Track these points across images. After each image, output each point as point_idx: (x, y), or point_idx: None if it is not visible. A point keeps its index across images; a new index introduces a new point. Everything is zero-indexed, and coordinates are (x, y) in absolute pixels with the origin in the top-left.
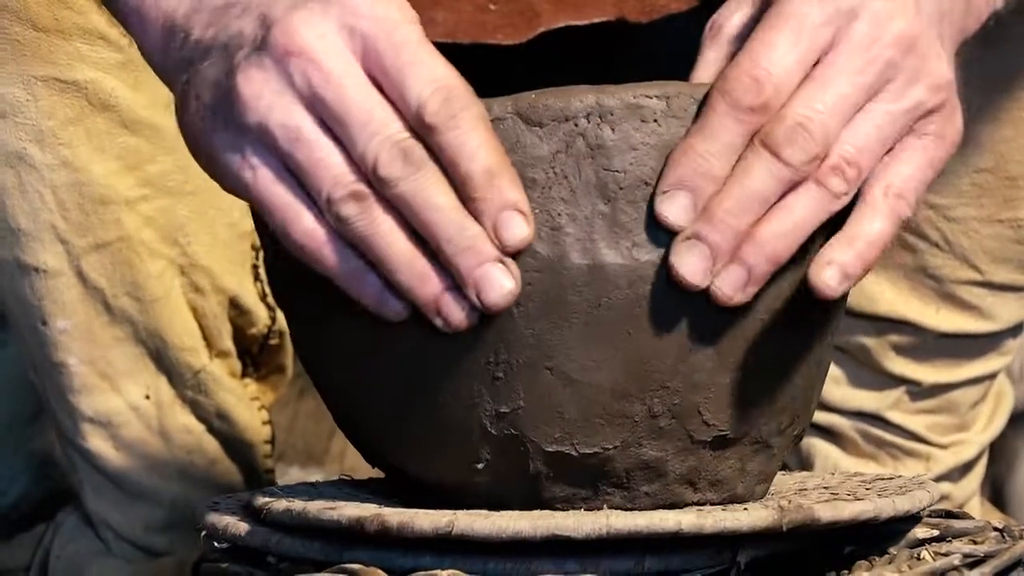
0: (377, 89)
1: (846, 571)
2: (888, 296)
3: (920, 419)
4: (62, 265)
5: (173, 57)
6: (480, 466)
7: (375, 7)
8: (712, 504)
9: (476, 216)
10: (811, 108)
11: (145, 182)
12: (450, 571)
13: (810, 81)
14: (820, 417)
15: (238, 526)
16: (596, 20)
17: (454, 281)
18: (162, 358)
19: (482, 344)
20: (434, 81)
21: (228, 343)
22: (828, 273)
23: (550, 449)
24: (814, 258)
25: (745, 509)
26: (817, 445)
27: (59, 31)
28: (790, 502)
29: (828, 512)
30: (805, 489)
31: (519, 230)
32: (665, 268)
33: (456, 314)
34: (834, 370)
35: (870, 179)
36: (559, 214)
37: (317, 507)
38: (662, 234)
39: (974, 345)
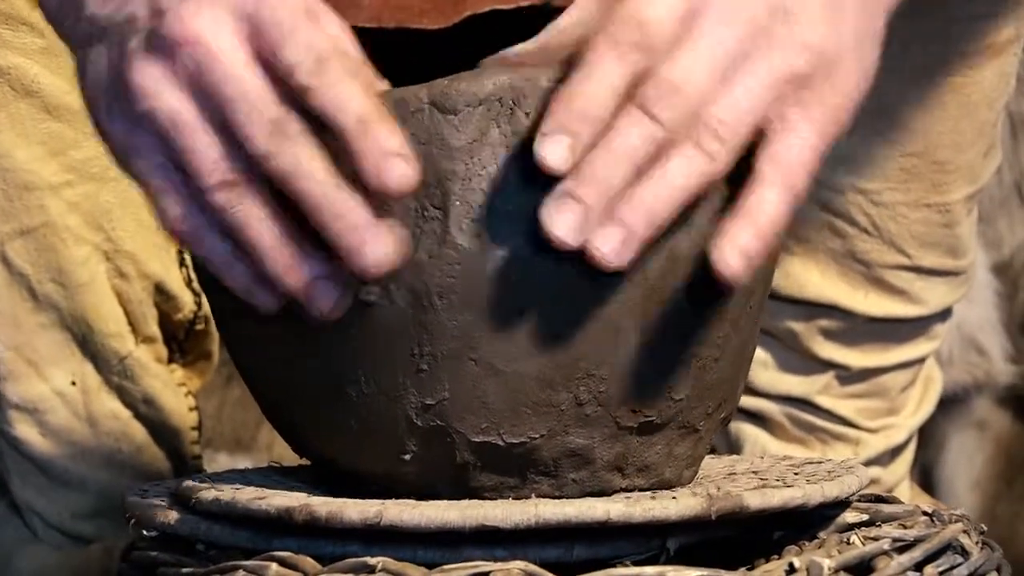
0: (266, 69)
1: (776, 556)
2: (816, 281)
3: (849, 403)
4: None
5: (70, 26)
6: (407, 457)
7: None
8: (640, 489)
9: (359, 168)
10: (684, 69)
11: (69, 168)
12: (380, 559)
13: (684, 41)
14: (749, 402)
15: (167, 514)
16: (523, 4)
17: (324, 270)
18: (88, 344)
19: (406, 336)
20: (309, 45)
21: (154, 329)
22: (730, 254)
23: (477, 440)
24: (712, 241)
25: (674, 497)
26: (746, 430)
27: None
28: (719, 489)
29: (757, 499)
30: (734, 473)
31: (401, 173)
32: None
33: (326, 302)
34: (762, 354)
35: (760, 154)
36: (479, 205)
37: (246, 496)
38: None
39: (903, 329)
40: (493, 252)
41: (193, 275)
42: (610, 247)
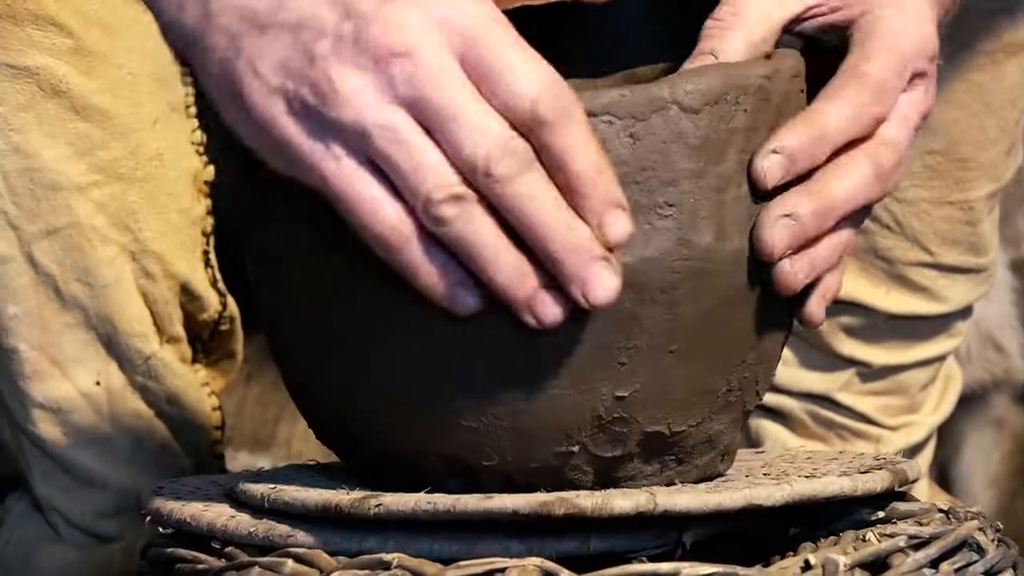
0: (479, 86)
1: (791, 553)
2: None
3: (870, 401)
4: (13, 251)
5: (196, 18)
6: (575, 449)
7: (465, 2)
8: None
9: (582, 214)
10: (900, 142)
11: (96, 168)
12: (395, 555)
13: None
14: (769, 398)
15: (182, 511)
16: (552, 0)
17: (548, 280)
18: (113, 344)
19: (613, 329)
20: (543, 80)
21: (179, 329)
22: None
23: (649, 429)
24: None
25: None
26: (766, 426)
27: (10, 17)
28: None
29: (836, 485)
30: (766, 466)
31: (624, 226)
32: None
33: (550, 312)
34: (784, 351)
35: None
36: (712, 203)
37: (262, 490)
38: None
39: (924, 327)
40: (723, 248)
41: (218, 275)
42: (803, 274)
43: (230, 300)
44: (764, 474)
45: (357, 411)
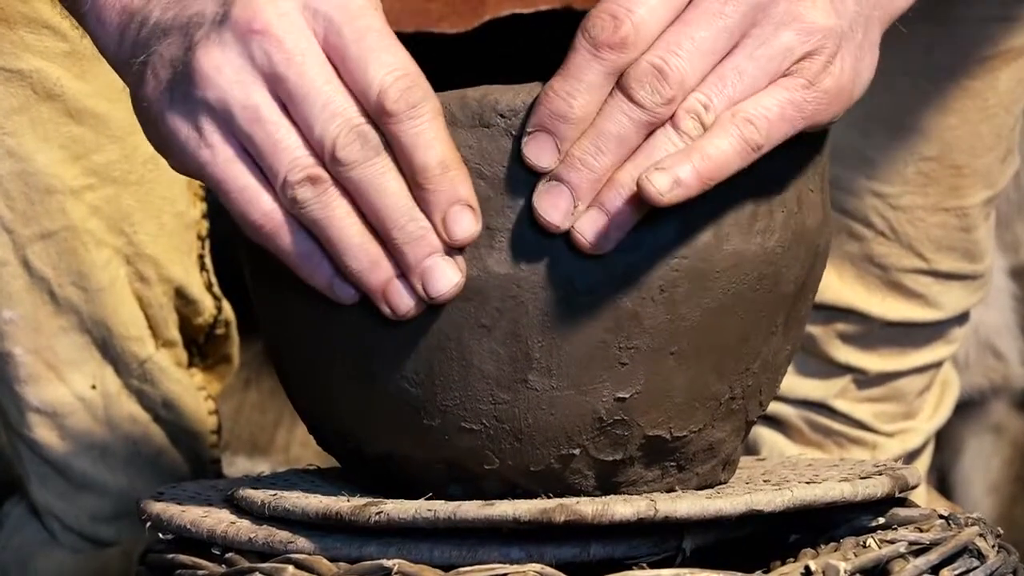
0: (337, 71)
1: (791, 559)
2: (834, 285)
3: (866, 407)
4: (7, 255)
5: (129, 42)
6: (576, 452)
7: None
8: (722, 485)
9: (426, 208)
10: (668, 51)
11: (90, 171)
12: (396, 561)
13: (673, 26)
14: None
15: (183, 516)
16: (542, 8)
17: (399, 271)
18: (108, 348)
19: (612, 328)
20: (396, 69)
21: (174, 333)
22: (659, 178)
23: (651, 433)
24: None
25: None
26: (763, 434)
27: (4, 20)
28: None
29: (807, 492)
30: (766, 472)
31: (467, 225)
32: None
33: (403, 302)
34: None
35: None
36: (715, 206)
37: (262, 497)
38: None
39: (920, 333)
40: (721, 248)
41: (214, 279)
42: (593, 232)
43: (226, 304)
44: (765, 480)
45: (357, 416)
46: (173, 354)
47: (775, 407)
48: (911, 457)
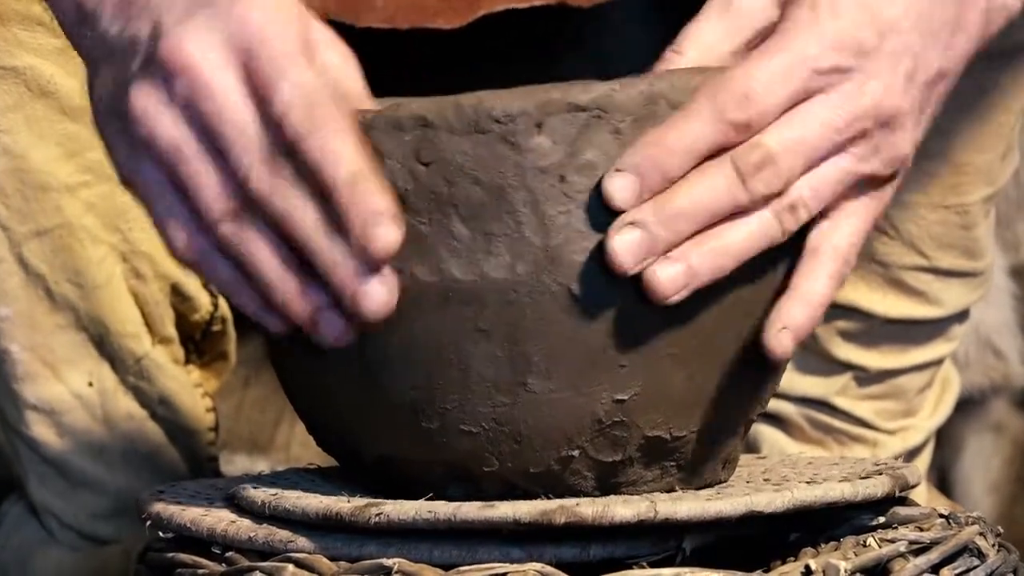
0: (258, 103)
1: (791, 558)
2: None
3: (867, 405)
4: (3, 252)
5: (83, 43)
6: (575, 454)
7: (263, 16)
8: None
9: (344, 225)
10: (784, 145)
11: (86, 168)
12: (396, 560)
13: (790, 118)
14: None
15: (182, 515)
16: (537, 3)
17: (329, 299)
18: (104, 345)
19: (609, 330)
20: (300, 87)
21: (171, 329)
22: (784, 337)
23: (650, 434)
24: (767, 319)
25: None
26: (764, 431)
27: None
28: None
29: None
30: (766, 471)
31: (386, 236)
32: None
33: (330, 332)
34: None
35: (815, 235)
36: None
37: (262, 496)
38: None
39: (921, 331)
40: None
41: None
42: (671, 281)
43: (222, 301)
44: (765, 480)
45: (356, 417)
46: (169, 351)
47: (776, 404)
48: (912, 455)
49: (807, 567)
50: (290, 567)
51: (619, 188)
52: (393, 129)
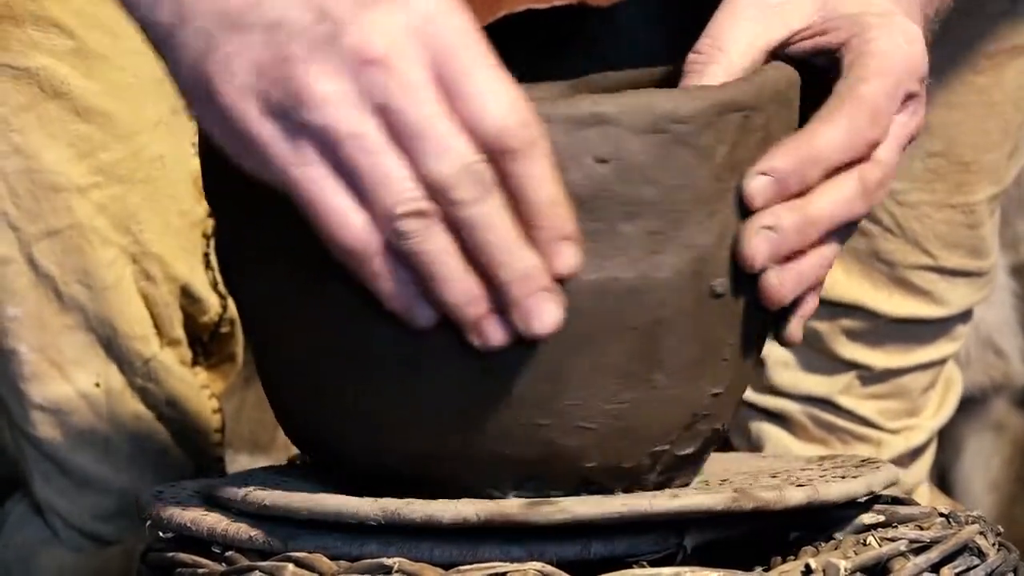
0: (448, 103)
1: (792, 557)
2: (840, 281)
3: (871, 404)
4: (13, 252)
5: (172, 17)
6: (664, 447)
7: (446, 13)
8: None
9: (534, 243)
10: (889, 161)
11: (97, 170)
12: (396, 559)
13: (895, 128)
14: (770, 402)
15: (182, 515)
16: (558, 4)
17: (498, 304)
18: (113, 346)
19: (725, 326)
20: (513, 107)
21: (179, 331)
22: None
23: None
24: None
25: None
26: (767, 430)
27: (11, 18)
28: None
29: (799, 493)
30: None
31: (573, 260)
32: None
33: (495, 336)
34: (785, 354)
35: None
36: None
37: (257, 494)
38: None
39: (925, 330)
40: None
41: (219, 277)
42: (790, 289)
43: (230, 303)
44: (771, 476)
45: (347, 422)
46: (178, 353)
47: (779, 403)
48: (915, 454)
49: (807, 566)
50: (290, 566)
51: (761, 189)
52: (572, 125)
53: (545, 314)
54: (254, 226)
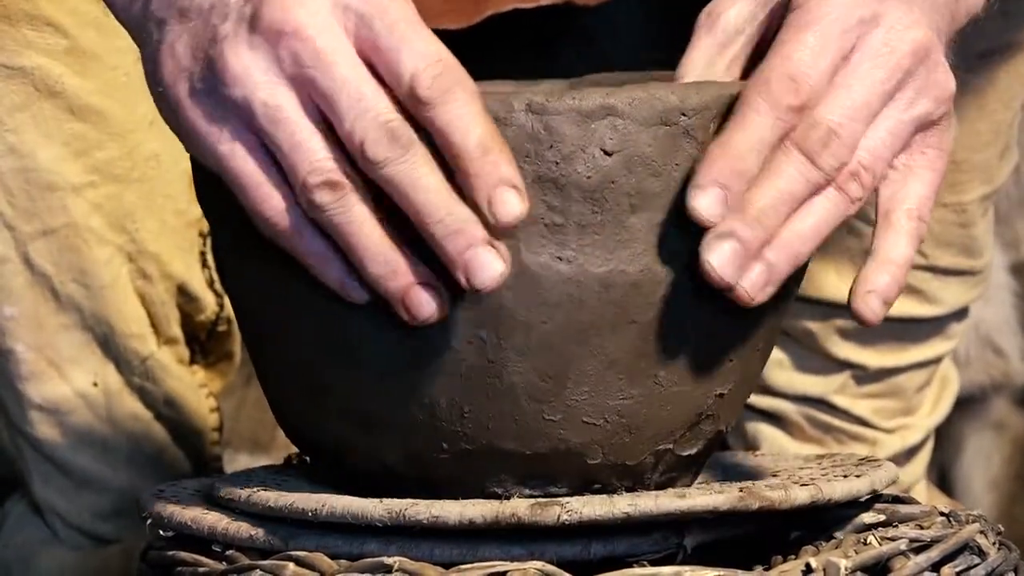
0: (369, 69)
1: (792, 556)
2: (833, 281)
3: (866, 403)
4: (9, 252)
5: (139, 8)
6: (667, 444)
7: None
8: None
9: (470, 192)
10: (842, 114)
11: (92, 168)
12: (396, 558)
13: (837, 86)
14: (766, 402)
15: (183, 514)
16: (544, 3)
17: (423, 276)
18: (110, 345)
19: (710, 323)
20: (427, 56)
21: (176, 330)
22: (873, 302)
23: None
24: (853, 286)
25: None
26: (763, 430)
27: (5, 17)
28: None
29: (804, 493)
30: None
31: (513, 206)
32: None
33: (423, 308)
34: (779, 354)
35: (889, 199)
36: None
37: (261, 495)
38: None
39: (919, 329)
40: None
41: (216, 276)
42: (755, 287)
43: (227, 301)
44: (772, 475)
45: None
46: (175, 351)
47: (775, 403)
48: (911, 453)
49: (808, 565)
50: (291, 565)
51: (707, 205)
52: (581, 118)
53: (485, 268)
54: (247, 224)
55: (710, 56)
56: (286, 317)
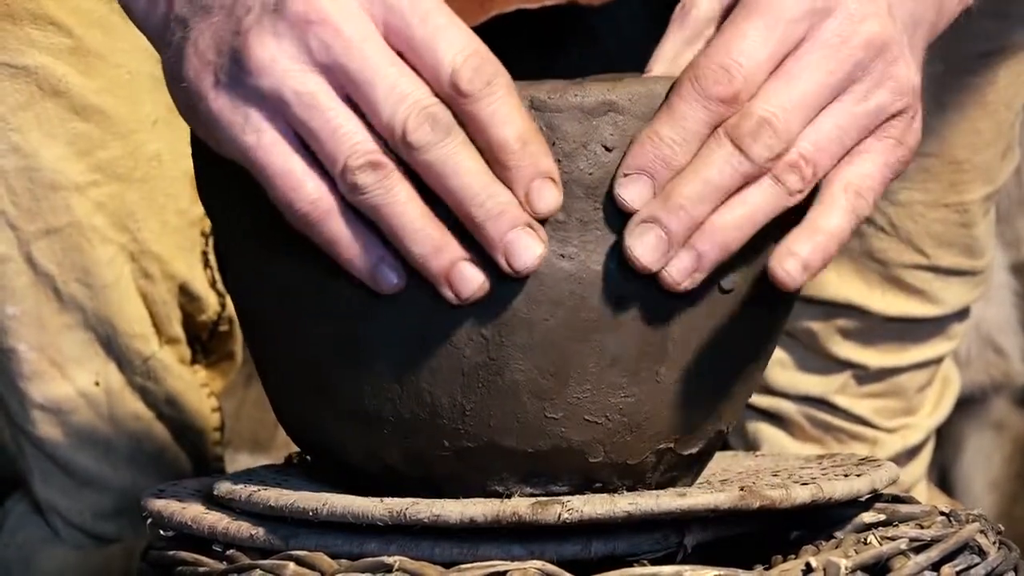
0: (402, 55)
1: (792, 556)
2: (834, 280)
3: (867, 403)
4: (11, 251)
5: (162, 13)
6: (667, 443)
7: None
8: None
9: (507, 184)
10: (778, 105)
11: (95, 168)
12: (397, 558)
13: (778, 76)
14: (767, 402)
15: (183, 513)
16: (548, 3)
17: (467, 253)
18: (112, 344)
19: (739, 322)
20: (466, 48)
21: (178, 330)
22: (789, 264)
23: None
24: (774, 249)
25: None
26: (764, 430)
27: (9, 16)
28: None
29: (805, 492)
30: (759, 470)
31: (551, 198)
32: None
33: (466, 286)
34: (780, 354)
35: (831, 175)
36: None
37: (262, 494)
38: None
39: (920, 329)
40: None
41: (218, 276)
42: (681, 273)
43: (229, 301)
44: (773, 475)
45: (346, 419)
46: (177, 351)
47: (775, 403)
48: (912, 453)
49: (808, 565)
50: (291, 565)
51: (634, 193)
52: (583, 114)
53: (526, 250)
54: (249, 224)
55: (678, 49)
56: (286, 316)
